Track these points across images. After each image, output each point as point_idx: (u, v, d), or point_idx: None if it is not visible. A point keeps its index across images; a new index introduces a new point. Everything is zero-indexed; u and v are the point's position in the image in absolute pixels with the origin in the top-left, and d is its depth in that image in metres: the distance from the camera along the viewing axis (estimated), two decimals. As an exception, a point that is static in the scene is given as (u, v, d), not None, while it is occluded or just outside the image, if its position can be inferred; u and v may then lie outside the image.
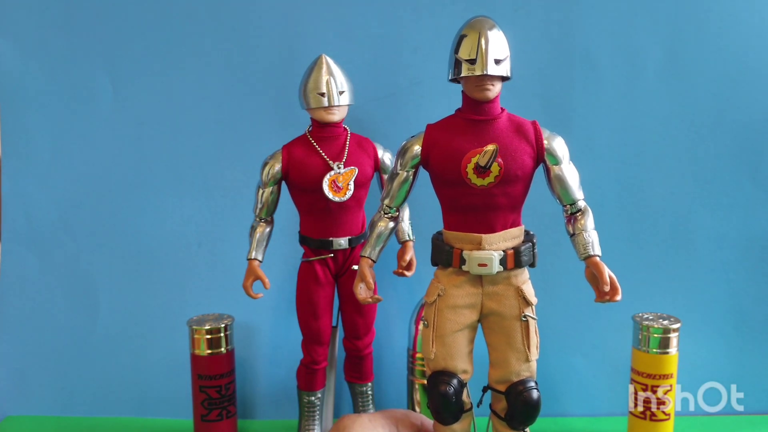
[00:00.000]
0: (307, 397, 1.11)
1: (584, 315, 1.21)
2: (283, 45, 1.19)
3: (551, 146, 0.80)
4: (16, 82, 1.22)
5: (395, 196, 0.85)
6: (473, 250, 0.79)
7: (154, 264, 1.25)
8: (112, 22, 1.20)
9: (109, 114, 1.22)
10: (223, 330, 1.09)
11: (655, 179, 1.19)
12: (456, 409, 0.82)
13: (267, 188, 1.02)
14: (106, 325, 1.26)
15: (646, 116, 1.18)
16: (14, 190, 1.24)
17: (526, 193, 0.81)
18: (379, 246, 0.86)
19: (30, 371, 1.27)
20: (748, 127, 1.18)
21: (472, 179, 0.78)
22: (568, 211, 0.83)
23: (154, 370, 1.25)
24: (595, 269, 0.79)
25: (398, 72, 1.19)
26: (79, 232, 1.24)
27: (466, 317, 0.82)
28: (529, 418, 0.83)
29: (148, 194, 1.23)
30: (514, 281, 0.81)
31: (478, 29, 0.76)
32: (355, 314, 1.07)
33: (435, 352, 0.82)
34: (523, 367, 0.82)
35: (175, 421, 1.23)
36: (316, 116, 1.00)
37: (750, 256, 1.20)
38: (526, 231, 0.84)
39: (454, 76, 0.78)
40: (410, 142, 0.83)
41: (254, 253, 1.03)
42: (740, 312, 1.21)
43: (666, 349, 1.03)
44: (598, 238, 0.81)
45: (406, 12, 1.18)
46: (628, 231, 1.20)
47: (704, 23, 1.16)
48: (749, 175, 1.19)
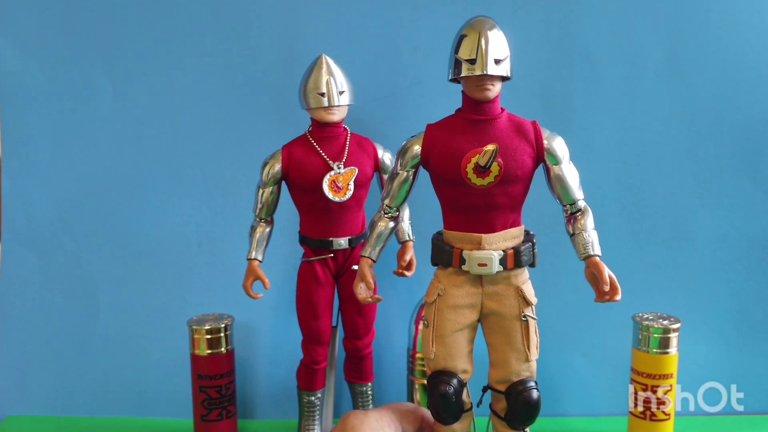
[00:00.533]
0: (307, 397, 1.11)
1: (584, 315, 1.21)
2: (283, 45, 1.19)
3: (551, 146, 0.80)
4: (16, 82, 1.22)
5: (395, 196, 0.85)
6: (473, 250, 0.79)
7: (154, 264, 1.25)
8: (112, 22, 1.20)
9: (109, 114, 1.22)
10: (223, 330, 1.09)
11: (655, 179, 1.19)
12: (456, 409, 0.82)
13: (267, 188, 1.02)
14: (106, 325, 1.26)
15: (646, 116, 1.18)
16: (14, 190, 1.24)
17: (526, 193, 0.82)
18: (379, 246, 0.87)
19: (30, 371, 1.27)
20: (748, 127, 1.18)
21: (472, 179, 0.78)
22: (568, 211, 0.83)
23: (154, 370, 1.25)
24: (595, 269, 0.79)
25: (398, 72, 1.19)
26: (79, 232, 1.24)
27: (466, 317, 0.82)
28: (529, 418, 0.83)
29: (148, 194, 1.23)
30: (514, 281, 0.81)
31: (478, 29, 0.76)
32: (355, 314, 1.07)
33: (435, 352, 0.82)
34: (523, 367, 0.82)
35: (175, 421, 1.23)
36: (316, 116, 1.00)
37: (750, 256, 1.20)
38: (526, 231, 0.84)
39: (454, 76, 0.78)
40: (410, 142, 0.83)
41: (254, 253, 1.03)
42: (740, 312, 1.21)
43: (666, 349, 1.03)
44: (597, 238, 0.81)
45: (406, 12, 1.18)
46: (628, 231, 1.20)
47: (704, 23, 1.16)
48: (749, 175, 1.19)
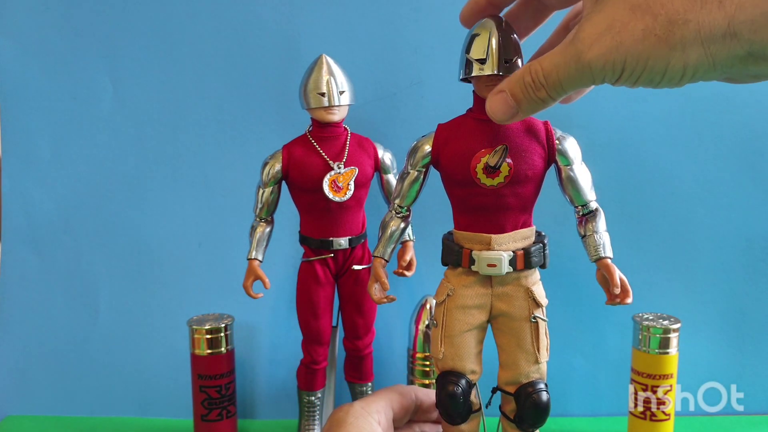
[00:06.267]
0: (307, 397, 1.11)
1: (584, 315, 1.21)
2: (283, 45, 1.20)
3: (563, 147, 0.79)
4: (16, 82, 1.22)
5: (406, 196, 0.85)
6: (482, 251, 0.79)
7: (154, 264, 1.25)
8: (112, 22, 1.20)
9: (109, 114, 1.22)
10: (223, 330, 1.09)
11: (655, 179, 1.19)
12: (464, 410, 0.81)
13: (267, 188, 1.02)
14: (106, 325, 1.26)
15: (646, 116, 1.18)
16: (14, 190, 1.24)
17: (536, 193, 0.81)
18: (391, 246, 0.86)
19: (30, 371, 1.27)
20: (748, 127, 1.18)
21: (482, 179, 0.77)
22: (579, 212, 0.82)
23: (154, 370, 1.26)
24: (606, 271, 0.78)
25: (398, 72, 1.19)
26: (79, 232, 1.24)
27: (476, 318, 0.81)
28: (539, 420, 0.82)
29: (148, 194, 1.23)
30: (524, 282, 0.81)
31: (489, 29, 0.76)
32: (355, 314, 1.07)
33: (444, 352, 0.81)
34: (532, 369, 0.81)
35: (175, 421, 1.23)
36: (317, 116, 1.00)
37: (750, 256, 1.20)
38: (537, 232, 0.83)
39: (465, 75, 0.77)
40: (421, 141, 0.82)
41: (254, 252, 1.03)
42: (740, 312, 1.21)
43: (666, 349, 1.03)
44: (609, 240, 0.80)
45: (406, 12, 1.18)
46: (629, 231, 1.20)
47: (704, 23, 1.16)
48: (749, 175, 1.19)
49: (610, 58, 0.52)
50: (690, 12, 0.48)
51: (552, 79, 0.58)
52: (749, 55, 0.48)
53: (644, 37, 0.50)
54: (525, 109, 0.63)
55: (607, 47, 0.52)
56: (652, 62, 0.51)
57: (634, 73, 0.53)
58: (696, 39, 0.49)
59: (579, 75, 0.55)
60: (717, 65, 0.50)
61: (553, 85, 0.58)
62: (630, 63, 0.52)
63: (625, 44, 0.51)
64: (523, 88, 0.61)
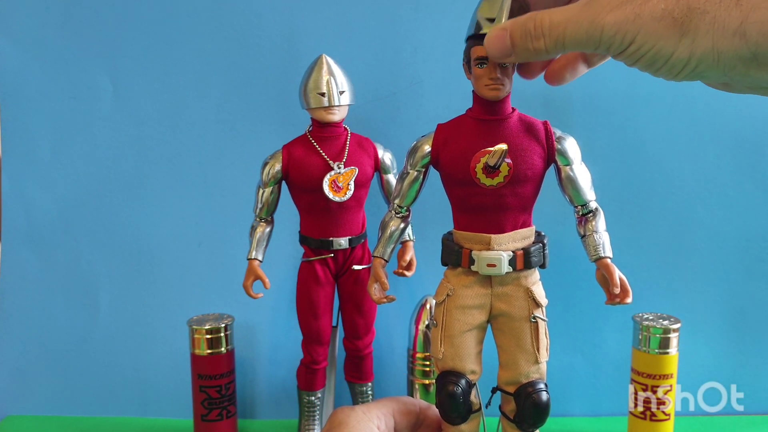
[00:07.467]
0: (307, 397, 1.11)
1: (584, 315, 1.21)
2: (283, 45, 1.20)
3: (563, 147, 0.79)
4: (16, 82, 1.22)
5: (405, 196, 0.85)
6: (482, 251, 0.79)
7: (154, 264, 1.25)
8: (112, 22, 1.20)
9: (109, 114, 1.22)
10: (223, 330, 1.09)
11: (655, 179, 1.19)
12: (464, 410, 0.82)
13: (267, 188, 1.02)
14: (106, 325, 1.26)
15: (646, 116, 1.18)
16: (14, 190, 1.24)
17: (536, 193, 0.81)
18: (391, 246, 0.86)
19: (30, 371, 1.27)
20: (748, 127, 1.18)
21: (481, 179, 0.77)
22: (579, 212, 0.82)
23: (154, 369, 1.25)
24: (606, 271, 0.79)
25: (398, 72, 1.19)
26: (79, 232, 1.24)
27: (475, 318, 0.81)
28: (539, 420, 0.82)
29: (148, 194, 1.23)
30: (524, 282, 0.81)
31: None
32: (355, 314, 1.07)
33: (443, 353, 0.82)
34: (532, 369, 0.81)
35: (175, 421, 1.23)
36: (317, 116, 1.00)
37: (750, 256, 1.20)
38: (537, 232, 0.84)
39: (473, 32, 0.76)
40: (420, 141, 0.83)
41: (254, 252, 1.03)
42: (740, 312, 1.21)
43: (666, 349, 1.03)
44: (609, 240, 0.81)
45: (406, 12, 1.18)
46: (629, 231, 1.20)
47: (704, 23, 1.16)
48: (749, 175, 1.19)
49: (623, 27, 0.53)
50: (709, 3, 0.49)
51: (556, 32, 0.58)
52: (754, 57, 0.49)
53: (662, 17, 0.51)
54: (519, 54, 0.63)
55: (626, 16, 0.52)
56: (661, 44, 0.51)
57: (640, 50, 0.53)
58: (708, 31, 0.49)
59: (587, 35, 0.55)
60: (720, 63, 0.50)
61: (554, 38, 0.58)
62: (640, 38, 0.52)
63: (643, 17, 0.52)
64: (523, 34, 0.61)
